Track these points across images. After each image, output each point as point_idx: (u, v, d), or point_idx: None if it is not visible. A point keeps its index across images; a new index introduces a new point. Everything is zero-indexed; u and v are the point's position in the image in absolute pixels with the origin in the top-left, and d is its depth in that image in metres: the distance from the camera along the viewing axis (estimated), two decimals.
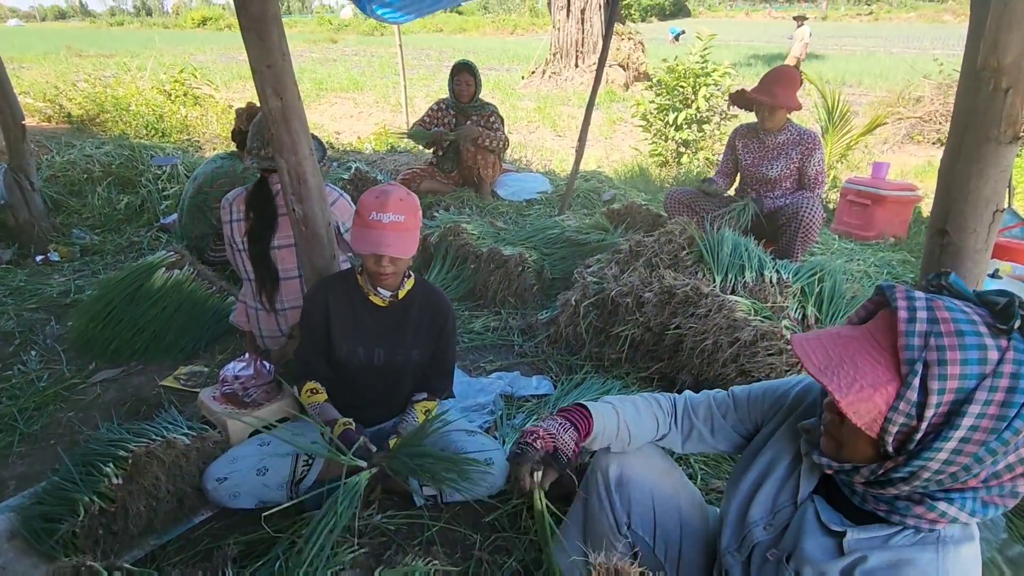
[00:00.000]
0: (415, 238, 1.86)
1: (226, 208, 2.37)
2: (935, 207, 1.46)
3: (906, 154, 7.69)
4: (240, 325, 2.55)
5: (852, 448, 0.96)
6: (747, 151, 3.61)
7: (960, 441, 0.84)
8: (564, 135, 9.22)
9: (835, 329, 0.97)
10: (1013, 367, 0.82)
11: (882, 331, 0.92)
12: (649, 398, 1.39)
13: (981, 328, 0.85)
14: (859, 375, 0.89)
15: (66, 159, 5.04)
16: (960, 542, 0.94)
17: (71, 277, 3.64)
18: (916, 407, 0.86)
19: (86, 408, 2.41)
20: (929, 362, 0.84)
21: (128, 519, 1.71)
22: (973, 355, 0.83)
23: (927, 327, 0.86)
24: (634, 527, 1.31)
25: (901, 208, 4.68)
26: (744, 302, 2.48)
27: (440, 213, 4.22)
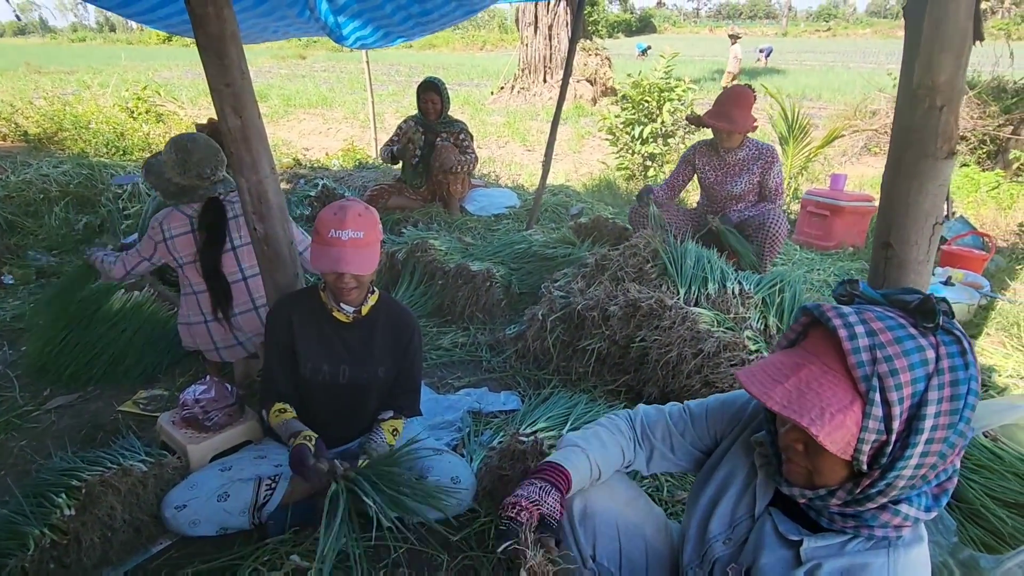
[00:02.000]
0: (375, 253, 1.85)
1: (156, 228, 2.39)
2: (879, 221, 1.51)
3: (864, 165, 7.92)
4: (190, 347, 2.53)
5: (825, 473, 0.96)
6: (709, 169, 3.68)
7: (926, 443, 0.87)
8: (533, 149, 9.29)
9: (775, 358, 0.98)
10: (949, 360, 0.87)
11: (826, 353, 0.93)
12: (612, 426, 1.36)
13: (912, 331, 0.89)
14: (825, 403, 0.89)
15: (21, 179, 4.90)
16: (910, 544, 0.96)
17: (26, 300, 3.53)
18: (883, 420, 0.88)
19: (39, 436, 2.33)
20: (882, 375, 0.86)
21: (81, 551, 1.66)
22: (916, 358, 0.87)
23: (869, 341, 0.88)
24: (599, 559, 1.29)
25: (859, 218, 4.82)
26: (707, 314, 2.52)
27: (408, 229, 4.21)
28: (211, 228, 2.40)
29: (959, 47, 1.33)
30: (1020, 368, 2.92)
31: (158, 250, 2.41)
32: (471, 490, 1.95)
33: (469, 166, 4.76)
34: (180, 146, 2.39)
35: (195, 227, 2.40)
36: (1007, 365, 2.94)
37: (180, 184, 2.39)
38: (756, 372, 0.96)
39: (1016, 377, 2.86)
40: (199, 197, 2.41)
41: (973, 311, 3.43)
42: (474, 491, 1.97)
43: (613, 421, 1.38)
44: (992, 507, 1.68)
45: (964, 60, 1.33)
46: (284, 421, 1.92)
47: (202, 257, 2.38)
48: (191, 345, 2.54)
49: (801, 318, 1.00)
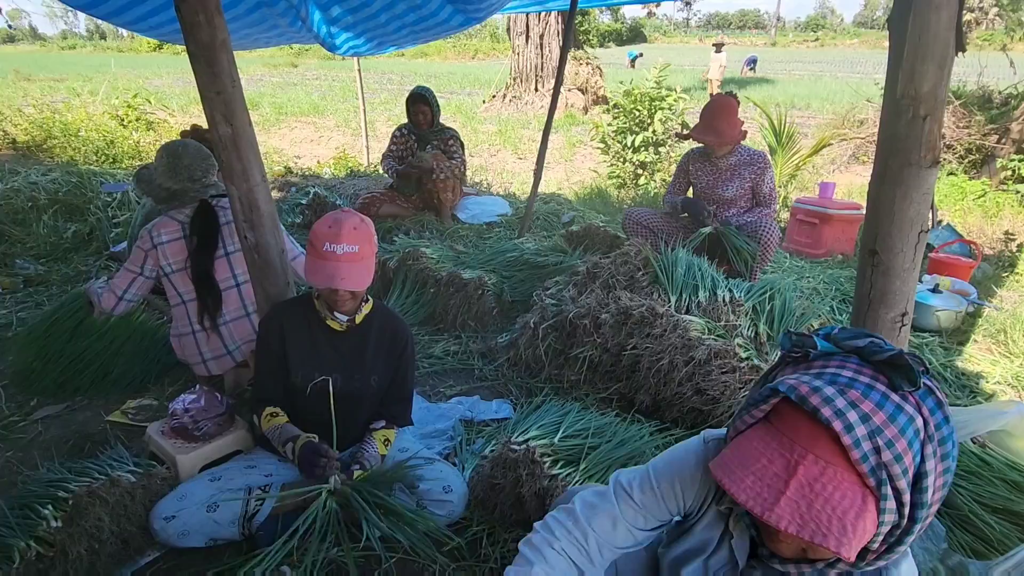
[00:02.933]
0: (370, 267, 1.85)
1: (145, 237, 2.38)
2: (865, 229, 1.53)
3: (852, 174, 8.00)
4: (184, 360, 2.53)
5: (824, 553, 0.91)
6: (701, 174, 3.71)
7: (931, 506, 0.84)
8: (525, 158, 9.33)
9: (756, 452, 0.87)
10: (934, 419, 0.83)
11: (817, 444, 0.83)
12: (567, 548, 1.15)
13: (895, 398, 0.83)
14: (840, 512, 0.80)
15: (9, 186, 4.86)
16: (899, 562, 0.95)
17: (13, 309, 3.50)
18: (896, 509, 0.83)
19: (26, 447, 2.31)
20: (887, 463, 0.80)
21: (68, 564, 1.64)
22: (911, 434, 0.81)
23: (866, 428, 0.81)
24: None
25: (847, 226, 4.86)
26: (698, 321, 2.53)
27: (400, 238, 4.21)
28: (203, 233, 2.40)
29: (941, 57, 1.35)
30: (1007, 374, 2.95)
31: (148, 259, 2.39)
32: (463, 499, 1.94)
33: (453, 171, 4.73)
34: (171, 151, 2.39)
35: (186, 233, 2.40)
36: (994, 372, 2.97)
37: (170, 188, 2.39)
38: (745, 479, 0.85)
39: (1003, 383, 2.89)
40: (190, 200, 2.41)
41: (960, 318, 3.46)
42: (466, 500, 1.96)
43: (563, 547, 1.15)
44: (981, 513, 1.69)
45: (947, 70, 1.35)
46: (276, 425, 1.91)
47: (193, 261, 2.37)
48: (182, 357, 2.53)
49: (769, 396, 0.89)
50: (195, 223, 2.40)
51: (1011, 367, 3.00)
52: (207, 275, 2.40)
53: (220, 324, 2.44)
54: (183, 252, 2.38)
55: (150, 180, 2.44)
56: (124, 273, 2.43)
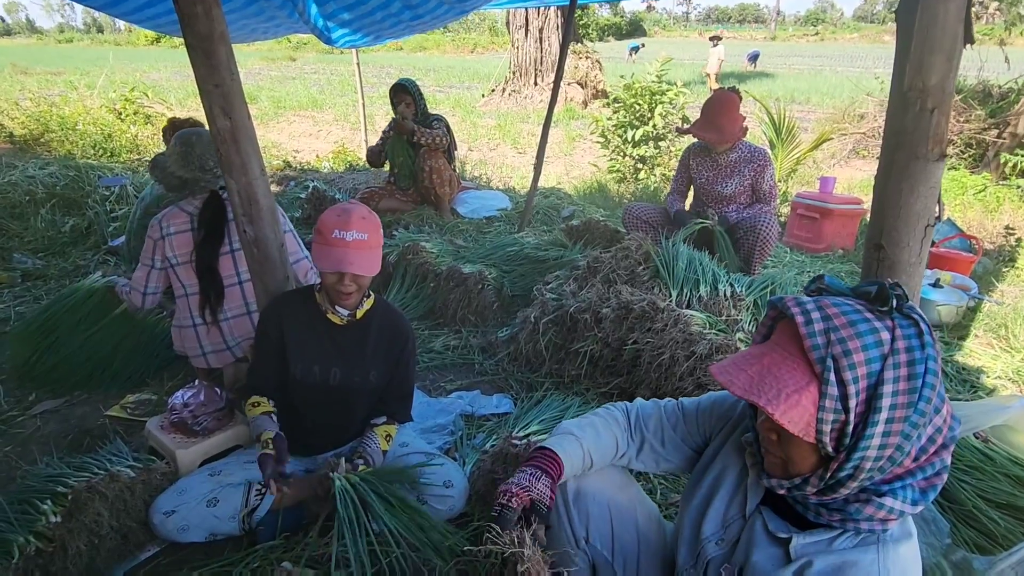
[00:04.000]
0: (378, 256, 1.84)
1: (155, 226, 2.36)
2: (871, 223, 1.52)
3: (852, 168, 7.98)
4: (179, 351, 2.51)
5: (797, 461, 0.98)
6: (701, 169, 3.70)
7: (886, 423, 0.89)
8: (525, 152, 9.30)
9: (746, 351, 1.03)
10: (905, 342, 0.90)
11: (786, 340, 0.98)
12: (607, 416, 1.37)
13: (867, 315, 0.93)
14: (782, 384, 0.93)
15: (7, 180, 4.84)
16: (899, 540, 0.98)
17: (11, 304, 3.48)
18: (839, 400, 0.91)
19: (24, 442, 2.30)
20: (836, 356, 0.90)
21: (67, 559, 1.63)
22: (870, 339, 0.90)
23: (824, 324, 0.92)
24: (592, 541, 1.30)
25: (848, 221, 4.85)
26: (699, 316, 2.52)
27: (399, 232, 4.20)
28: (210, 224, 2.37)
29: (950, 49, 1.34)
30: (1008, 369, 2.94)
31: (156, 249, 2.37)
32: (464, 494, 1.94)
33: (431, 139, 4.61)
34: (184, 139, 2.37)
35: (195, 225, 2.38)
36: (995, 366, 2.96)
37: (182, 177, 2.36)
38: (726, 364, 1.01)
39: (1004, 378, 2.89)
40: (200, 190, 2.38)
41: (961, 313, 3.46)
42: (467, 495, 1.95)
43: (610, 412, 1.38)
44: (984, 508, 1.69)
45: (955, 62, 1.34)
46: (254, 417, 1.88)
47: (198, 254, 2.35)
48: (180, 349, 2.51)
49: (769, 312, 1.05)
50: (203, 215, 2.37)
51: (1012, 362, 2.99)
52: (211, 269, 2.37)
53: (221, 320, 2.42)
54: (189, 244, 2.37)
55: (164, 167, 2.41)
56: (141, 267, 2.42)
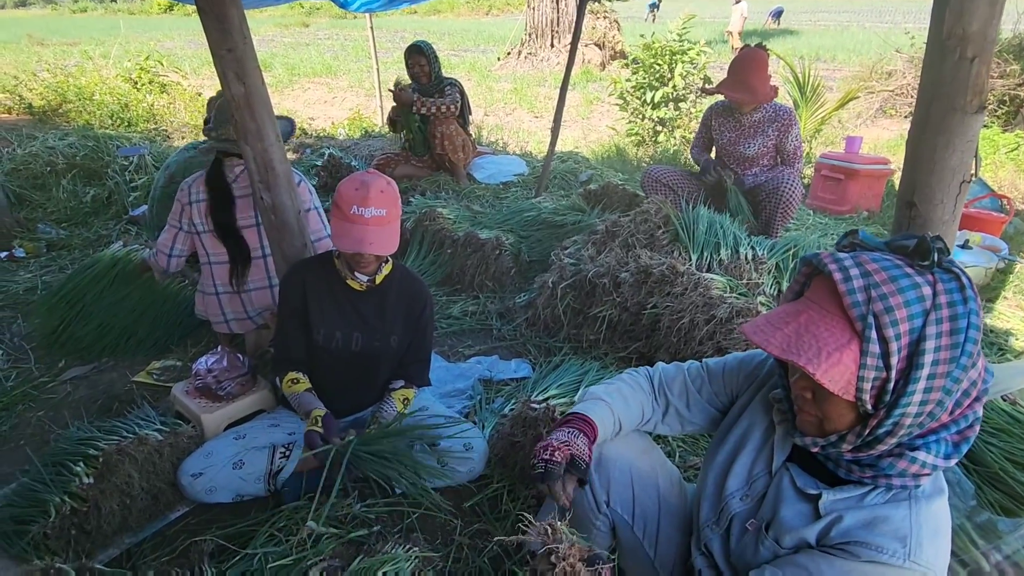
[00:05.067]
0: (397, 230, 1.83)
1: (184, 191, 2.37)
2: (903, 180, 1.46)
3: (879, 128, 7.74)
4: (201, 314, 2.53)
5: (833, 418, 0.96)
6: (723, 130, 3.61)
7: (928, 379, 0.87)
8: (541, 116, 9.15)
9: (779, 309, 1.00)
10: (947, 296, 0.87)
11: (824, 297, 0.94)
12: (632, 382, 1.36)
13: (908, 269, 0.90)
14: (822, 343, 0.90)
15: (28, 152, 4.88)
16: (931, 497, 0.96)
17: (37, 273, 3.55)
18: (881, 357, 0.88)
19: (56, 407, 2.36)
20: (877, 313, 0.87)
21: (101, 518, 1.68)
22: (912, 295, 0.87)
23: (863, 281, 0.89)
24: (613, 505, 1.31)
25: (874, 182, 4.72)
26: (720, 280, 2.48)
27: (416, 198, 4.17)
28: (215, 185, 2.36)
29: None
30: None
31: (184, 213, 2.37)
32: (483, 457, 1.96)
33: (439, 108, 4.55)
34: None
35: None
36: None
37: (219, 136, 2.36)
38: (759, 323, 0.98)
39: None
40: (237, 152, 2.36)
41: (991, 275, 3.37)
42: (486, 457, 1.97)
43: (634, 377, 1.37)
44: (1011, 470, 1.66)
45: (998, 7, 1.26)
46: (296, 394, 1.92)
47: (212, 217, 2.34)
48: (202, 313, 2.53)
49: (803, 269, 1.02)
50: (210, 175, 2.36)
51: None
52: (232, 231, 2.36)
53: (243, 290, 2.43)
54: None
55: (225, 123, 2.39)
56: (168, 229, 2.43)
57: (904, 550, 0.91)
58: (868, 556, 0.93)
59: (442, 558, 1.66)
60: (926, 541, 0.92)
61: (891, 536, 0.93)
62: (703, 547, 1.20)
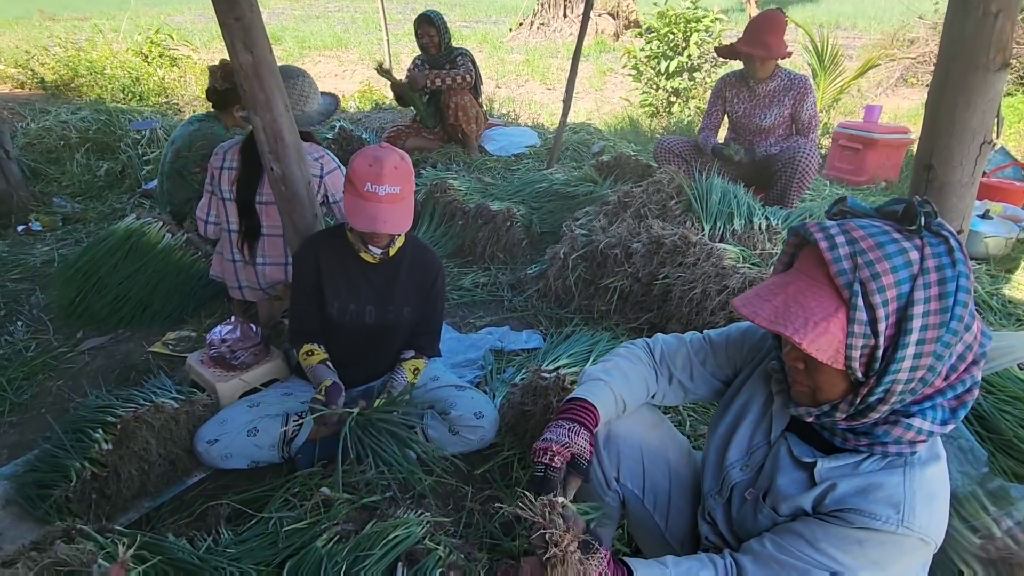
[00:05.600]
0: (411, 206, 1.81)
1: (219, 154, 2.38)
2: (921, 142, 1.42)
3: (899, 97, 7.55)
4: (216, 277, 2.55)
5: (825, 388, 0.96)
6: (738, 101, 3.53)
7: (917, 344, 0.87)
8: (554, 88, 9.02)
9: (768, 281, 0.99)
10: (935, 260, 0.86)
11: (811, 266, 0.94)
12: (630, 356, 1.34)
13: (895, 235, 0.89)
14: (808, 313, 0.90)
15: (41, 126, 4.91)
16: (927, 463, 0.96)
17: (54, 246, 3.59)
18: (868, 324, 0.88)
19: (75, 376, 2.40)
20: (864, 279, 0.87)
21: (120, 483, 1.73)
22: (899, 260, 0.86)
23: (850, 248, 0.89)
24: (623, 480, 1.31)
25: (893, 151, 4.62)
26: (733, 250, 2.46)
27: (427, 170, 4.16)
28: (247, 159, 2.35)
29: None
30: None
31: (213, 176, 2.38)
32: (494, 425, 1.97)
33: (451, 80, 4.48)
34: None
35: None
36: None
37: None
38: (749, 295, 0.97)
39: None
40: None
41: (1011, 245, 3.30)
42: (497, 426, 1.99)
43: (631, 350, 1.35)
44: None
45: None
46: (311, 366, 1.93)
47: (237, 186, 2.34)
48: (218, 275, 2.54)
49: (791, 239, 1.01)
50: (246, 145, 2.35)
51: None
52: (249, 205, 2.36)
53: (258, 263, 2.43)
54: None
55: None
56: (204, 195, 2.44)
57: (897, 516, 0.92)
58: (861, 523, 0.93)
59: (453, 523, 1.68)
60: (920, 506, 0.92)
61: (884, 503, 0.93)
62: (707, 516, 1.21)
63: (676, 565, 1.04)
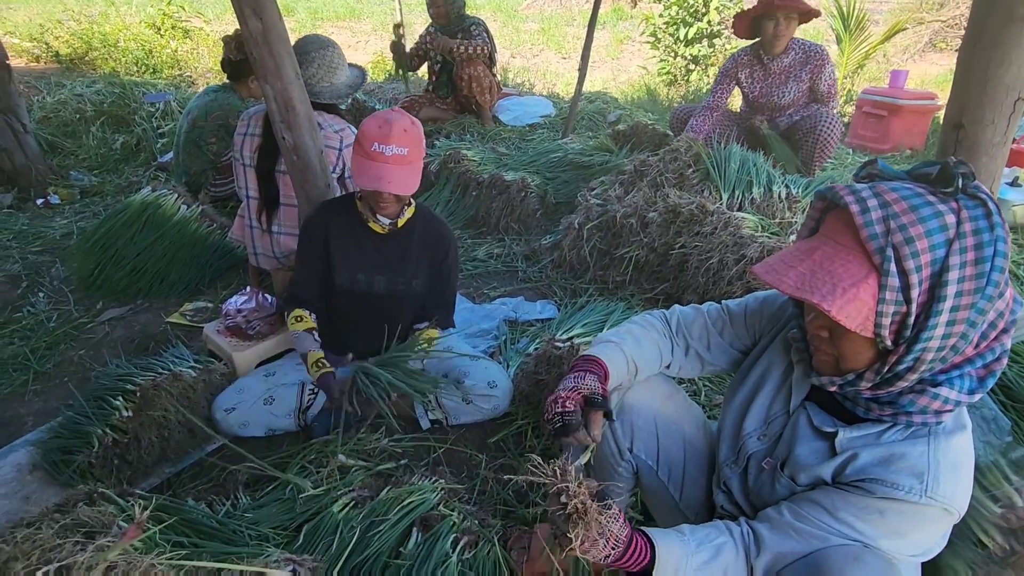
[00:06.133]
0: (418, 172, 1.79)
1: (244, 121, 2.38)
2: (951, 100, 1.36)
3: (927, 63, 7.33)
4: (235, 238, 2.57)
5: (851, 357, 0.93)
6: (752, 80, 3.42)
7: (951, 311, 0.83)
8: (569, 57, 8.86)
9: (792, 247, 0.95)
10: (971, 224, 0.82)
11: (840, 232, 0.90)
12: (643, 323, 1.31)
13: (930, 197, 0.84)
14: (836, 279, 0.86)
15: (57, 99, 4.92)
16: (952, 432, 0.94)
17: (73, 219, 3.62)
18: (901, 291, 0.84)
19: (95, 346, 2.44)
20: (896, 244, 0.83)
21: (141, 449, 1.76)
22: (934, 224, 0.82)
23: (882, 212, 0.85)
24: (636, 452, 1.30)
25: (919, 118, 4.49)
26: (751, 218, 2.41)
27: (440, 140, 4.11)
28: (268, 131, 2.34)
29: None
30: None
31: (236, 142, 2.38)
32: (508, 394, 1.97)
33: (474, 48, 4.42)
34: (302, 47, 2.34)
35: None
36: None
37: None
38: (771, 262, 0.93)
39: None
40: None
41: None
42: (511, 395, 1.99)
43: (645, 318, 1.33)
44: None
45: None
46: (296, 332, 1.89)
47: (259, 156, 2.33)
48: (238, 237, 2.55)
49: (816, 204, 0.97)
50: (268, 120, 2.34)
51: None
52: (269, 174, 2.35)
53: (274, 231, 2.44)
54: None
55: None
56: (235, 166, 2.43)
57: (921, 486, 0.90)
58: (883, 492, 0.92)
59: (467, 491, 1.70)
60: (944, 476, 0.90)
61: (907, 472, 0.91)
62: (723, 485, 1.20)
63: (693, 533, 1.04)
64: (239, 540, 1.38)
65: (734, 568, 1.01)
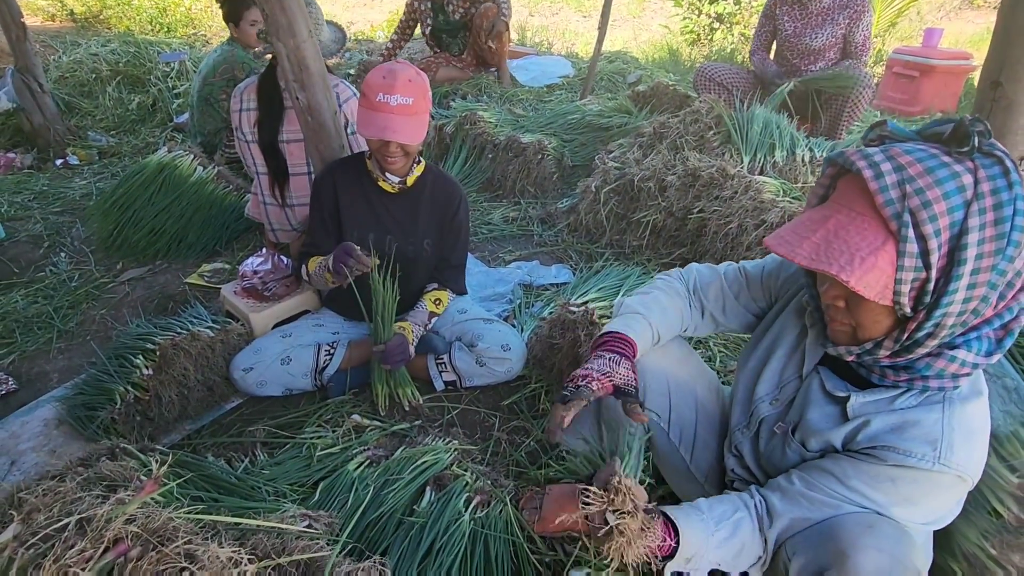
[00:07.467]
0: (424, 122, 1.76)
1: (236, 97, 2.33)
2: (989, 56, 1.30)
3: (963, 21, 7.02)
4: (253, 216, 2.56)
5: (869, 326, 0.91)
6: (789, 19, 3.31)
7: (972, 274, 0.81)
8: (589, 16, 8.63)
9: (803, 216, 0.92)
10: (989, 184, 0.79)
11: (853, 198, 0.87)
12: (668, 289, 1.30)
13: (945, 158, 0.82)
14: (853, 248, 0.84)
15: (72, 59, 4.91)
16: (967, 399, 0.93)
17: (92, 180, 3.65)
18: (920, 256, 0.82)
19: (116, 305, 2.48)
20: (913, 209, 0.80)
21: (162, 406, 1.79)
22: (951, 186, 0.80)
23: (897, 176, 0.82)
24: (648, 412, 1.30)
25: (952, 79, 4.33)
26: (772, 183, 2.36)
27: (457, 101, 4.05)
28: (267, 98, 2.31)
29: None
30: None
31: (234, 119, 2.35)
32: (521, 357, 1.97)
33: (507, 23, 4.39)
34: None
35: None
36: None
37: None
38: (783, 233, 0.90)
39: None
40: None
41: None
42: (524, 359, 1.99)
43: (668, 283, 1.32)
44: None
45: None
46: (318, 263, 1.87)
47: (259, 128, 2.31)
48: (254, 215, 2.55)
49: (827, 170, 0.93)
50: (262, 88, 2.29)
51: None
52: (272, 145, 2.33)
53: (287, 204, 2.43)
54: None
55: None
56: (239, 145, 2.40)
57: (934, 453, 0.89)
58: (895, 460, 0.91)
59: (480, 451, 1.72)
60: (958, 443, 0.89)
61: (920, 440, 0.90)
62: (734, 449, 1.19)
63: (711, 510, 1.04)
64: (256, 496, 1.41)
65: (751, 541, 1.02)
